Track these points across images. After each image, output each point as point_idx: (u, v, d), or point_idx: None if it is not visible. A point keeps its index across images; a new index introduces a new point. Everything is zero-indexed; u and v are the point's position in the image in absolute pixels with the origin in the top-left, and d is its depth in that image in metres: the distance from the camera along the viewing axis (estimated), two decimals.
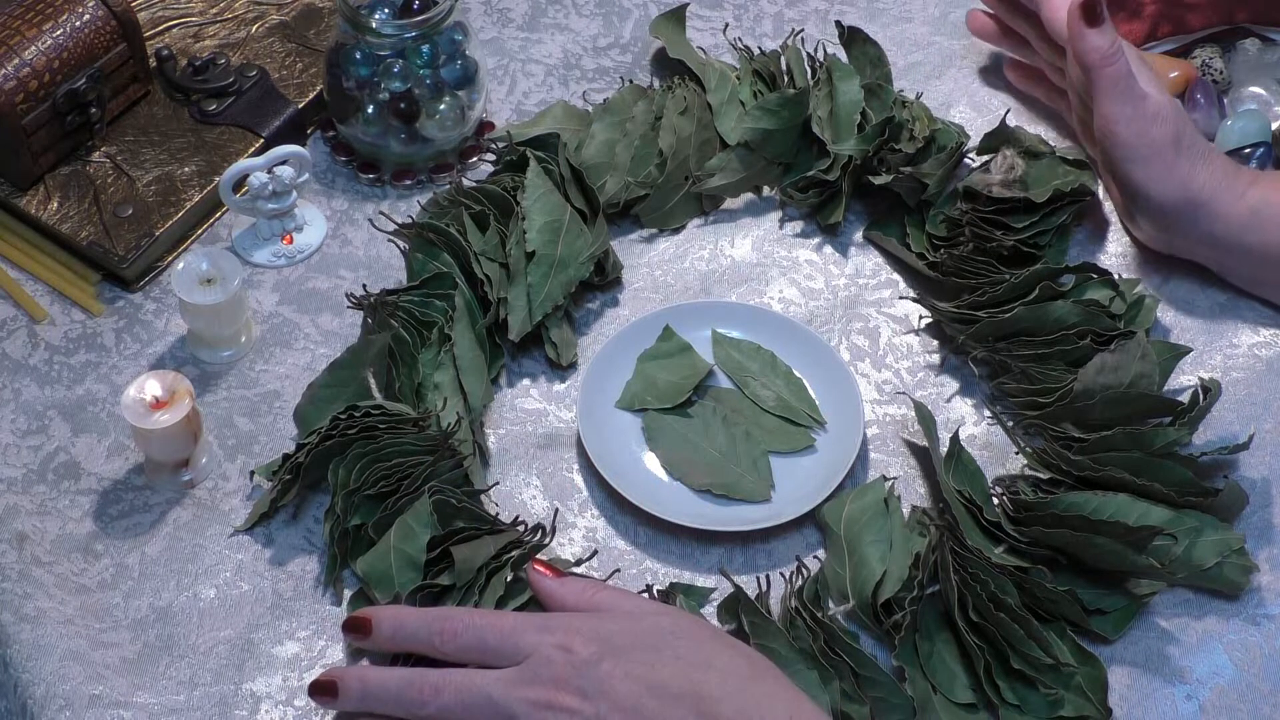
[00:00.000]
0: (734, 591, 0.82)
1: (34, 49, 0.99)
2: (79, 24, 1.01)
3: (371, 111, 1.03)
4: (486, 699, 0.73)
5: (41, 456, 0.91)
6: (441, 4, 1.00)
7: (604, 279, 0.99)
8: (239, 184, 1.00)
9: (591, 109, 1.07)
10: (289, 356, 0.96)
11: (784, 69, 1.07)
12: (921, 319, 0.98)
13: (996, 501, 0.87)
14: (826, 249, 1.02)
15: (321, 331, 0.97)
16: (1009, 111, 1.05)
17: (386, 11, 1.02)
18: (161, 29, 1.12)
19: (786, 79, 1.07)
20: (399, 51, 1.01)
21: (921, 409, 0.89)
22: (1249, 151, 1.04)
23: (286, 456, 0.88)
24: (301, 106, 1.07)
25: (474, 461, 0.89)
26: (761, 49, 1.10)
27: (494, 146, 1.05)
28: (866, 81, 1.04)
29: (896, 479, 0.90)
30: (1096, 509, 0.84)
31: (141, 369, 0.95)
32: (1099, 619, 0.83)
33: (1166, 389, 0.92)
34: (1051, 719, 0.79)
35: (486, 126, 1.08)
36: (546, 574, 0.80)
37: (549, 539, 0.86)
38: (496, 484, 0.90)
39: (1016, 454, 0.91)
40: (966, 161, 1.03)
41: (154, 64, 1.08)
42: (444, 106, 1.03)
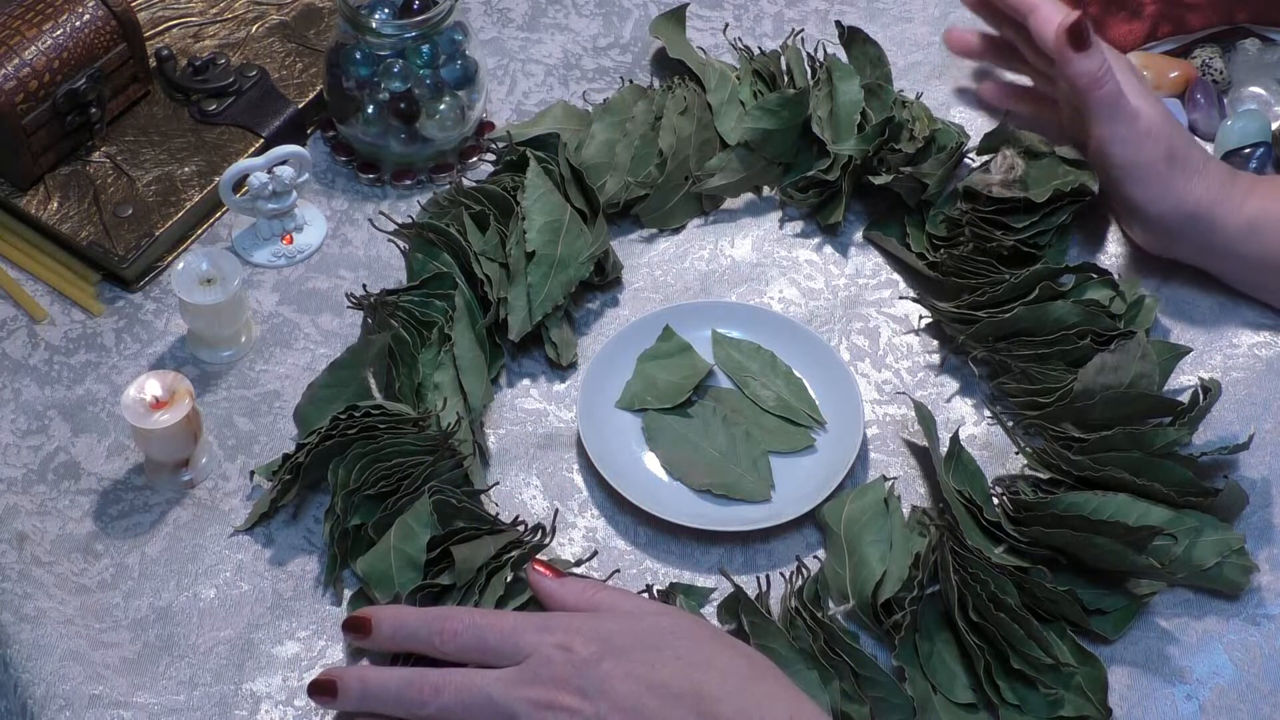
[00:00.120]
0: (734, 591, 0.82)
1: (34, 49, 0.99)
2: (79, 24, 1.01)
3: (371, 111, 1.03)
4: (486, 699, 0.73)
5: (41, 456, 0.91)
6: (441, 4, 1.00)
7: (604, 279, 0.99)
8: (239, 184, 1.00)
9: (591, 109, 1.07)
10: (289, 356, 0.96)
11: (784, 69, 1.07)
12: (921, 319, 0.98)
13: (996, 501, 0.87)
14: (826, 249, 1.02)
15: (321, 331, 0.97)
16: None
17: (386, 11, 1.02)
18: (161, 29, 1.12)
19: (786, 79, 1.07)
20: (399, 51, 1.01)
21: (921, 409, 0.89)
22: (1249, 151, 1.04)
23: (286, 456, 0.88)
24: (301, 106, 1.07)
25: (474, 461, 0.89)
26: (761, 49, 1.10)
27: (494, 146, 1.05)
28: (866, 81, 1.04)
29: (896, 479, 0.90)
30: (1096, 509, 0.84)
31: (141, 369, 0.95)
32: (1099, 619, 0.83)
33: (1166, 389, 0.92)
34: (1051, 719, 0.79)
35: (486, 126, 1.08)
36: (546, 574, 0.80)
37: (549, 539, 0.86)
38: (496, 484, 0.90)
39: (1016, 454, 0.91)
40: (966, 161, 1.03)
41: (154, 64, 1.08)
42: (444, 106, 1.03)
